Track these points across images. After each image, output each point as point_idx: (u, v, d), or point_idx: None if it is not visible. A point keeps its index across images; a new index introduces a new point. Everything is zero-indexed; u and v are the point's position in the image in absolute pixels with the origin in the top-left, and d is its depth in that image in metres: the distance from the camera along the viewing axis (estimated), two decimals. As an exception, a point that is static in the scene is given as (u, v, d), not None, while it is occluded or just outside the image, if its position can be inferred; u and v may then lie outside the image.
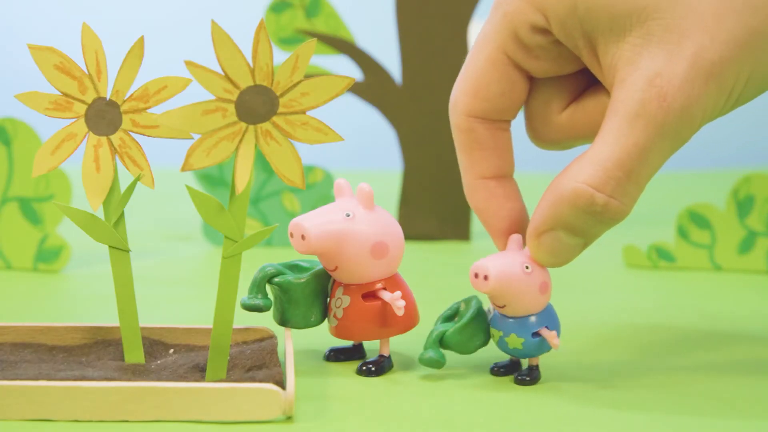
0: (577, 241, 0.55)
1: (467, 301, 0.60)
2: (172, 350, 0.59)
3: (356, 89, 1.02)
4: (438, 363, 0.59)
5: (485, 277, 0.55)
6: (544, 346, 0.57)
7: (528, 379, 0.57)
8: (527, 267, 0.55)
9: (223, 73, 0.50)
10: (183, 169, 0.50)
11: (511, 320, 0.57)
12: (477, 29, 1.04)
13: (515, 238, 0.57)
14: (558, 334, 0.57)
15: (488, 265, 0.55)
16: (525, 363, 0.59)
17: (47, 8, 1.88)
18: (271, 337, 0.59)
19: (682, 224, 0.90)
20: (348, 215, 0.57)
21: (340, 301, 0.59)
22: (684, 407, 0.54)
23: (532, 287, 0.55)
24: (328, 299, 0.60)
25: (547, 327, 0.56)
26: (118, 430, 0.48)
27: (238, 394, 0.49)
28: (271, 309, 0.60)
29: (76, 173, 0.64)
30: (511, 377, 0.58)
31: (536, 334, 0.56)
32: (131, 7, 1.89)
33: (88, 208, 0.55)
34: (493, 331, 0.58)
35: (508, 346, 0.57)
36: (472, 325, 0.58)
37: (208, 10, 1.79)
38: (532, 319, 0.56)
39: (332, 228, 0.56)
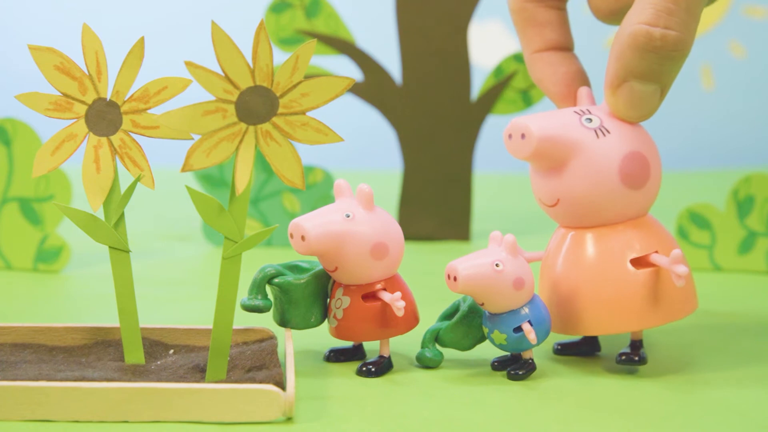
0: (652, 88, 0.56)
1: (465, 298, 0.60)
2: (172, 351, 0.59)
3: (356, 89, 1.02)
4: (433, 361, 0.59)
5: (454, 278, 0.55)
6: (526, 341, 0.57)
7: (520, 373, 0.58)
8: (498, 265, 0.56)
9: (223, 74, 0.50)
10: (183, 170, 0.51)
11: (494, 317, 0.57)
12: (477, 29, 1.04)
13: (495, 235, 0.57)
14: (548, 329, 0.57)
15: (457, 267, 0.55)
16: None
17: (47, 9, 1.88)
18: (271, 337, 0.59)
19: (682, 224, 0.90)
20: (348, 216, 0.57)
21: (340, 302, 0.59)
22: (683, 407, 0.54)
23: (505, 284, 0.56)
24: (328, 300, 0.60)
25: (529, 322, 0.57)
26: (118, 430, 0.48)
27: (238, 395, 0.49)
28: (271, 310, 0.60)
29: (76, 173, 0.64)
30: (509, 372, 0.59)
31: (518, 329, 0.57)
32: (131, 8, 1.89)
33: (88, 208, 0.55)
34: (483, 328, 0.59)
35: (495, 342, 0.58)
36: (464, 323, 0.59)
37: (209, 10, 1.79)
38: (514, 314, 0.57)
39: (332, 229, 0.56)
